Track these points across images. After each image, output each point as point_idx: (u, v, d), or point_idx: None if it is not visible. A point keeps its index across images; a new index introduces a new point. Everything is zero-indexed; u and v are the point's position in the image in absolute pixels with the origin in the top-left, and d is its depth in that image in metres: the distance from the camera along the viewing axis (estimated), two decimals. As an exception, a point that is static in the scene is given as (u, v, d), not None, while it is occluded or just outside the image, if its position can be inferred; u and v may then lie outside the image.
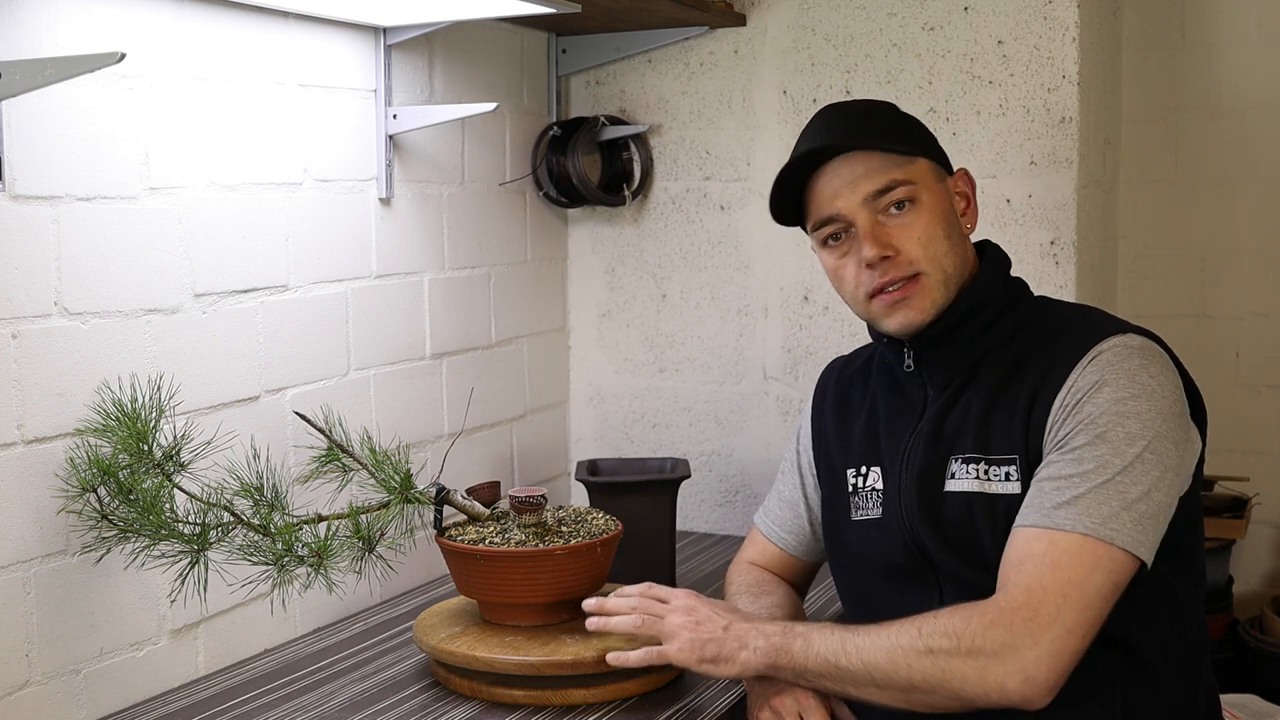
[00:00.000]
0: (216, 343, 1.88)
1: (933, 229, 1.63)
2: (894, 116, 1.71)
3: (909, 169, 1.63)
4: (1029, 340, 1.65)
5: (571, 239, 2.77)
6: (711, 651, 1.60)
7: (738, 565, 1.95)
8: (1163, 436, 1.52)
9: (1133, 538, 1.48)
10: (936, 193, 1.66)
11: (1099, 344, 1.57)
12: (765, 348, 2.64)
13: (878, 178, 1.62)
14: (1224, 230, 3.01)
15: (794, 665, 1.56)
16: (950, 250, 1.64)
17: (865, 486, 1.74)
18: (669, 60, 2.65)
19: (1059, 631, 1.45)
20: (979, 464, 1.61)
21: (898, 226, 1.62)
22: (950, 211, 1.67)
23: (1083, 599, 1.46)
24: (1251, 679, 2.83)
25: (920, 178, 1.64)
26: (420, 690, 1.78)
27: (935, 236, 1.63)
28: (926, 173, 1.65)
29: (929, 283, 1.63)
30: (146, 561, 1.63)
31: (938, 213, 1.64)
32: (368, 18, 2.09)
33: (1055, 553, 1.47)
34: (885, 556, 1.70)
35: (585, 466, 2.27)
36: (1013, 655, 1.44)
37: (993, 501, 1.59)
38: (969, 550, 1.61)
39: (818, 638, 1.55)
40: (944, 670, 1.47)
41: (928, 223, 1.63)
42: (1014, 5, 2.37)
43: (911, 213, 1.63)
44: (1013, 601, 1.47)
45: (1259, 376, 3.01)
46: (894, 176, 1.62)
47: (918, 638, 1.49)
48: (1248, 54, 2.94)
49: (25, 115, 1.59)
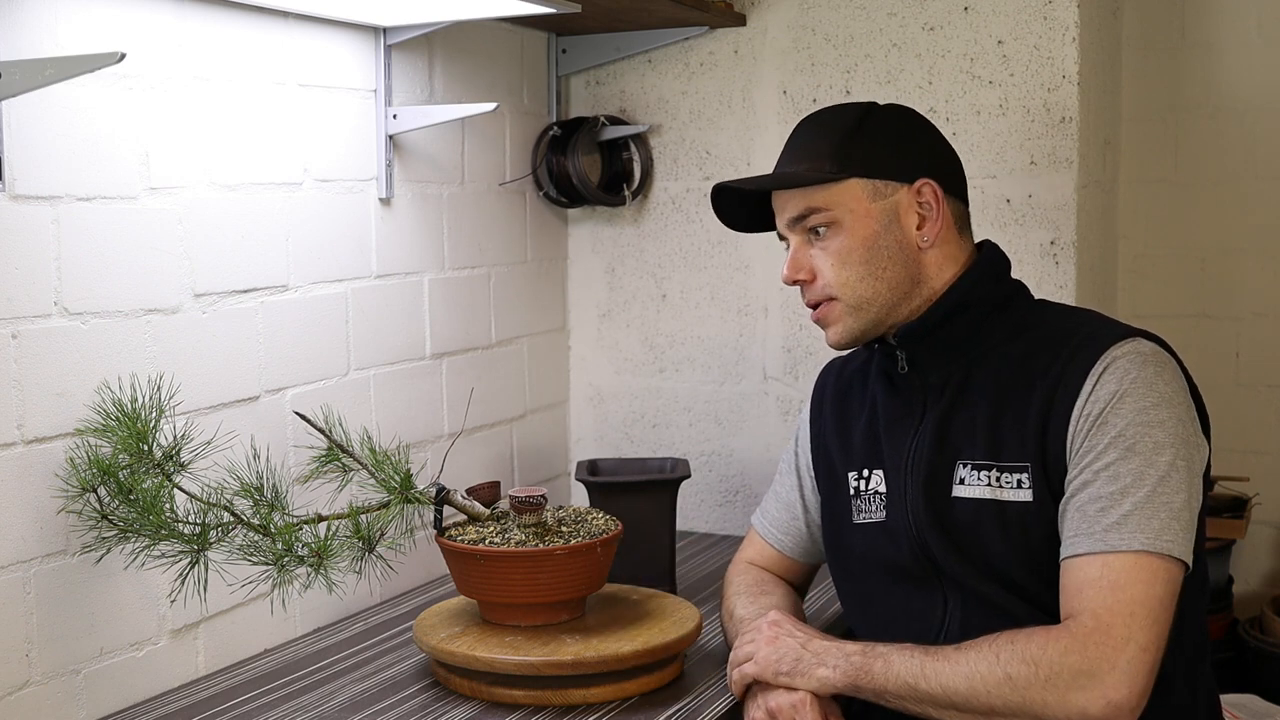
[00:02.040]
0: (216, 343, 1.88)
1: (848, 254, 1.66)
2: (836, 134, 1.69)
3: (830, 194, 1.66)
4: (1033, 344, 1.65)
5: (571, 239, 2.77)
6: (788, 666, 1.61)
7: (736, 565, 1.95)
8: (1185, 443, 1.54)
9: (1183, 546, 1.50)
10: (862, 215, 1.66)
11: (1110, 350, 1.58)
12: (765, 348, 2.64)
13: (795, 204, 1.69)
14: (1224, 230, 3.01)
15: (874, 686, 1.55)
16: (867, 275, 1.66)
17: (868, 489, 1.74)
18: (669, 60, 2.65)
19: (1134, 651, 1.46)
20: (990, 470, 1.61)
21: (818, 250, 1.68)
22: (878, 233, 1.66)
23: (1149, 615, 1.47)
24: (1251, 679, 2.83)
25: (842, 202, 1.66)
26: (420, 690, 1.78)
27: (849, 262, 1.66)
28: (853, 196, 1.66)
29: (840, 308, 1.68)
30: (146, 561, 1.63)
31: (858, 237, 1.65)
32: (368, 18, 2.09)
33: (1113, 574, 1.48)
34: (889, 559, 1.70)
35: (585, 466, 2.27)
36: (1092, 681, 1.45)
37: (1004, 508, 1.59)
38: (976, 556, 1.61)
39: (897, 659, 1.55)
40: (1024, 697, 1.47)
41: (842, 248, 1.66)
42: (1014, 5, 2.37)
43: (829, 237, 1.67)
44: (1083, 628, 1.47)
45: (1259, 376, 3.01)
46: (810, 204, 1.67)
47: (995, 664, 1.49)
48: (1248, 54, 2.94)
49: (25, 115, 1.59)
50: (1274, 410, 3.00)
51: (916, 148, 1.71)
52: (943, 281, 1.68)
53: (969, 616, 1.63)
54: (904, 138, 1.71)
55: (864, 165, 1.67)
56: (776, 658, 1.61)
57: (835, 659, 1.58)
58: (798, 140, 1.74)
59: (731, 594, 1.88)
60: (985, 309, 1.67)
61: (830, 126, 1.71)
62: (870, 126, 1.70)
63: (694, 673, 1.82)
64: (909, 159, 1.69)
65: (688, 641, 1.79)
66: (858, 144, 1.68)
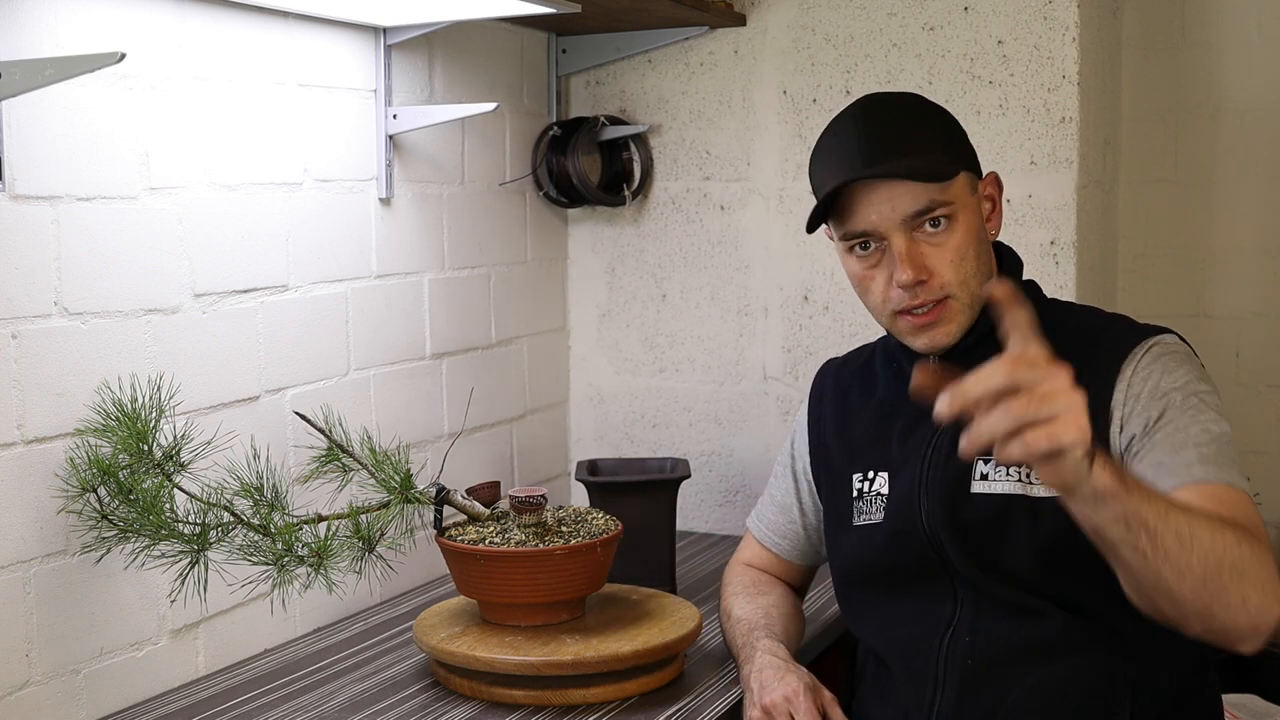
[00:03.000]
0: (216, 343, 1.88)
1: (965, 249, 1.60)
2: (937, 126, 1.66)
3: (948, 188, 1.60)
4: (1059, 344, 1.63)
5: (571, 239, 2.77)
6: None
7: (734, 567, 1.95)
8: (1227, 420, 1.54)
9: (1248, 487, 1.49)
10: (970, 207, 1.63)
11: (1140, 344, 1.58)
12: (765, 348, 2.64)
13: (919, 199, 1.58)
14: (1224, 230, 3.01)
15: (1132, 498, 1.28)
16: (978, 269, 1.62)
17: (870, 491, 1.71)
18: (669, 60, 2.65)
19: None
20: (1019, 466, 1.57)
21: (932, 247, 1.59)
22: (980, 225, 1.64)
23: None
24: (1251, 679, 2.82)
25: (958, 195, 1.60)
26: (420, 690, 1.78)
27: (966, 257, 1.60)
28: (964, 188, 1.62)
29: (957, 306, 1.61)
30: (146, 561, 1.63)
31: (970, 230, 1.61)
32: (368, 18, 2.09)
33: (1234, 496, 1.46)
34: (890, 561, 1.68)
35: (585, 466, 2.27)
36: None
37: (1035, 504, 1.56)
38: (992, 553, 1.58)
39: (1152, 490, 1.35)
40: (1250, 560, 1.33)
41: (960, 242, 1.60)
42: (1014, 5, 2.37)
43: (946, 231, 1.59)
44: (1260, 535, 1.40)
45: (1259, 376, 3.00)
46: (934, 197, 1.58)
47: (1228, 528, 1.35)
48: (1248, 54, 2.94)
49: (25, 115, 1.59)
50: (1274, 410, 3.00)
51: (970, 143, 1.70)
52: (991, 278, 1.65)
53: (980, 615, 1.60)
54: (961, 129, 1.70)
55: (966, 157, 1.65)
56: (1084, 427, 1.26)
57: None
58: (890, 131, 1.62)
59: (729, 594, 1.88)
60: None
61: (924, 116, 1.66)
62: (949, 117, 1.68)
63: (694, 673, 1.82)
64: (973, 151, 1.68)
65: (687, 641, 1.79)
66: (955, 135, 1.66)
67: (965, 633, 1.60)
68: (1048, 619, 1.56)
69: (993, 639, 1.58)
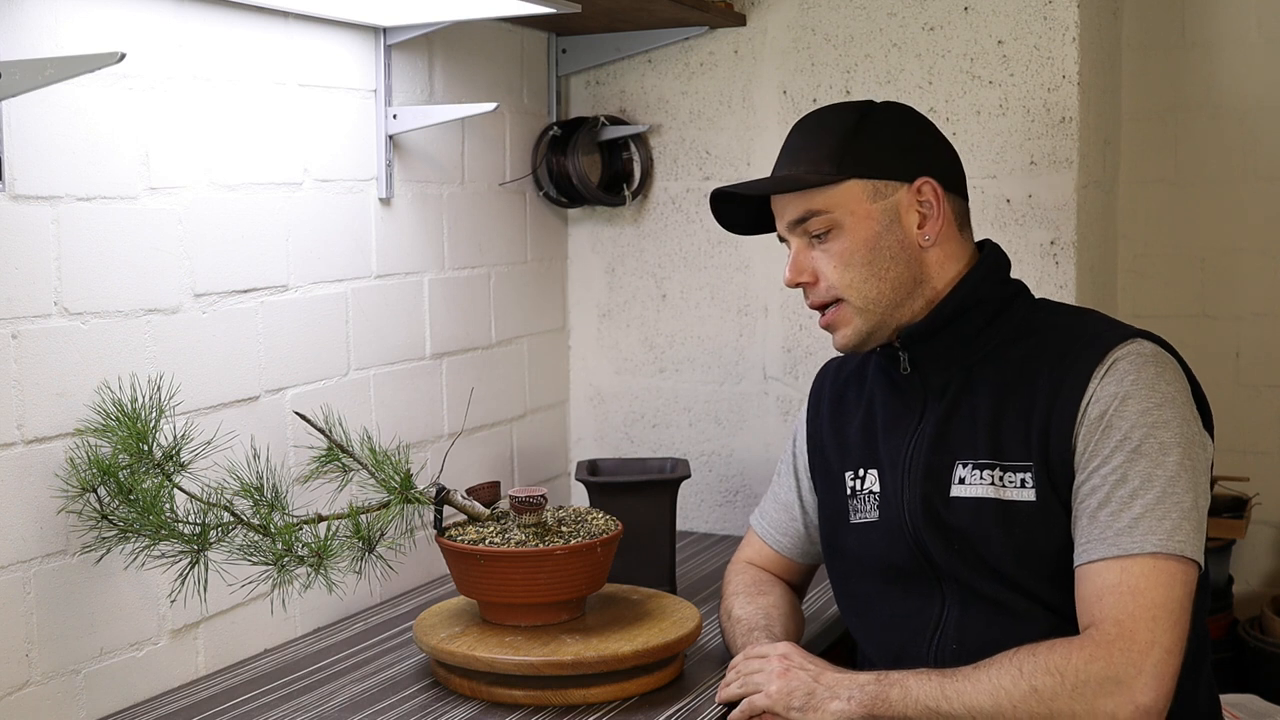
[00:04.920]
0: (216, 343, 1.88)
1: (851, 255, 1.65)
2: (834, 135, 1.68)
3: (829, 196, 1.65)
4: (1035, 345, 1.65)
5: (571, 239, 2.77)
6: (800, 700, 1.58)
7: (735, 565, 1.95)
8: (1190, 442, 1.54)
9: (1195, 546, 1.50)
10: (863, 216, 1.65)
11: (1112, 351, 1.58)
12: (765, 348, 2.64)
13: (795, 207, 1.68)
14: (1224, 230, 3.01)
15: (893, 714, 1.53)
16: (871, 276, 1.65)
17: (863, 489, 1.74)
18: (669, 60, 2.65)
19: (1159, 655, 1.46)
20: (993, 470, 1.61)
21: (820, 253, 1.67)
22: (879, 234, 1.65)
23: (1170, 617, 1.47)
24: (1251, 679, 2.83)
25: (842, 204, 1.65)
26: (420, 690, 1.78)
27: (853, 263, 1.65)
28: (853, 197, 1.65)
29: (848, 309, 1.67)
30: (146, 561, 1.63)
31: (860, 238, 1.65)
32: (368, 18, 2.09)
33: (1131, 579, 1.48)
34: (884, 560, 1.70)
35: (585, 466, 2.27)
36: (1119, 687, 1.45)
37: (1007, 507, 1.59)
38: (974, 554, 1.61)
39: (914, 684, 1.53)
40: (1051, 709, 1.46)
41: (845, 249, 1.65)
42: (1014, 5, 2.37)
43: (832, 239, 1.66)
44: (1106, 635, 1.47)
45: (1259, 376, 3.01)
46: (810, 207, 1.66)
47: (1020, 678, 1.48)
48: (1248, 54, 2.94)
49: (25, 115, 1.59)
50: (1274, 410, 3.00)
51: (915, 146, 1.70)
52: (945, 281, 1.68)
53: (965, 614, 1.63)
54: (902, 136, 1.70)
55: (863, 165, 1.66)
56: (788, 691, 1.59)
57: (849, 690, 1.56)
58: (795, 142, 1.73)
59: (730, 594, 1.88)
60: (988, 310, 1.67)
61: (828, 127, 1.70)
62: (868, 126, 1.69)
63: (694, 673, 1.82)
64: (908, 157, 1.68)
65: (687, 641, 1.79)
66: (856, 144, 1.67)
67: (953, 629, 1.63)
68: (1032, 620, 1.58)
69: (979, 639, 1.60)
